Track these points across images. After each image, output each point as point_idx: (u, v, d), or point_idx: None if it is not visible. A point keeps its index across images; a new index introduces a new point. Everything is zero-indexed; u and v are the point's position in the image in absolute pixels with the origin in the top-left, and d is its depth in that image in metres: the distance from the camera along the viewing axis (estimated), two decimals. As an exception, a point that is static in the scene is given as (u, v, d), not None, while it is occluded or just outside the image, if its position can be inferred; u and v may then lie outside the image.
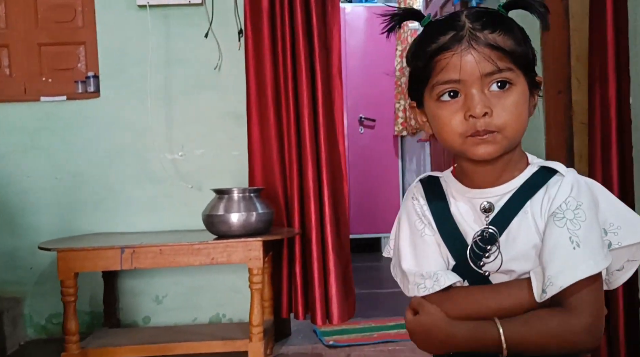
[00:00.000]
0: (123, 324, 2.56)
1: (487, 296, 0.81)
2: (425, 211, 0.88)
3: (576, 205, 0.77)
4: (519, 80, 0.79)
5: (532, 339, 0.76)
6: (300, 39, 2.51)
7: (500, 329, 0.76)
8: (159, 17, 2.57)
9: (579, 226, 0.76)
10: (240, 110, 2.57)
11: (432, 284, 0.83)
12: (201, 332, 2.33)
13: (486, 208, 0.82)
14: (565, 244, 0.76)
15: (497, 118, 0.77)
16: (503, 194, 0.82)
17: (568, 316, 0.75)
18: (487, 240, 0.81)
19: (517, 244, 0.80)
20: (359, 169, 5.01)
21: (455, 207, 0.86)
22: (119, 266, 2.08)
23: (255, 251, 2.12)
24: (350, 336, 2.59)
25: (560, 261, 0.75)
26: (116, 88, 2.61)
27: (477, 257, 0.82)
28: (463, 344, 0.79)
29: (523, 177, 0.82)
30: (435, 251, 0.85)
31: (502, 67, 0.77)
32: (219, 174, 2.61)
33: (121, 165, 2.60)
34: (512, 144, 0.80)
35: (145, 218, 2.58)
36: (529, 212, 0.80)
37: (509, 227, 0.81)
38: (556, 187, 0.80)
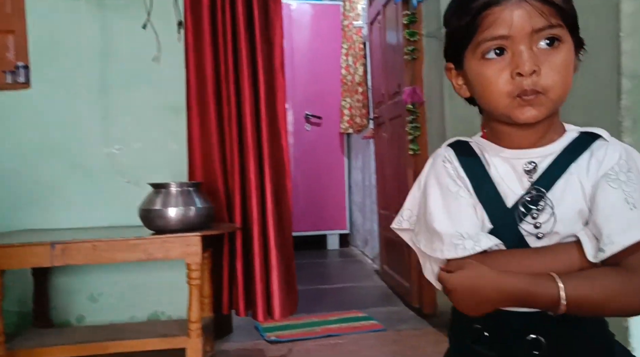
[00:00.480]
0: (55, 324, 2.46)
1: (533, 259, 0.77)
2: (461, 173, 0.83)
3: (628, 168, 0.76)
4: (567, 38, 0.76)
5: (594, 296, 0.73)
6: (242, 32, 2.48)
7: (560, 283, 0.72)
8: (93, 6, 2.49)
9: (633, 188, 0.75)
10: (179, 103, 2.52)
11: (473, 244, 0.77)
12: (138, 330, 2.27)
13: (530, 168, 0.79)
14: (622, 205, 0.74)
15: (545, 77, 0.75)
16: (546, 155, 0.80)
17: (630, 275, 0.73)
18: (535, 200, 0.78)
19: (562, 206, 0.77)
20: (305, 166, 5.02)
21: (493, 167, 0.82)
22: (49, 262, 2.00)
23: (193, 246, 2.07)
24: (292, 332, 2.59)
25: (618, 220, 0.73)
26: (48, 79, 2.50)
27: (523, 217, 0.78)
28: (515, 298, 0.74)
29: (565, 141, 0.80)
30: (472, 213, 0.81)
31: (554, 22, 0.75)
32: (157, 169, 2.54)
33: (54, 160, 2.50)
34: (557, 106, 0.78)
35: (80, 214, 2.49)
36: (575, 174, 0.78)
37: (553, 188, 0.78)
38: (603, 151, 0.78)
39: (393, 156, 3.36)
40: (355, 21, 4.55)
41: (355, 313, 2.87)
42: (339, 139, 5.09)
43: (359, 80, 4.56)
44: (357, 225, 4.97)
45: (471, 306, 0.77)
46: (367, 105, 4.51)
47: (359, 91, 4.57)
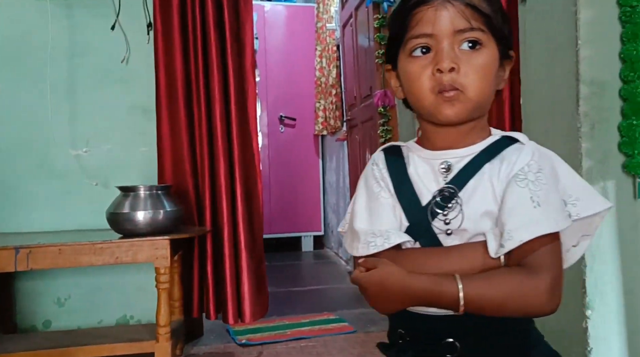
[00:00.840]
0: (20, 329, 2.42)
1: (440, 257, 0.79)
2: (385, 175, 0.87)
3: (538, 169, 0.78)
4: (490, 43, 0.80)
5: (492, 296, 0.74)
6: (212, 33, 2.47)
7: (459, 284, 0.74)
8: (61, 5, 2.45)
9: (540, 187, 0.76)
10: (149, 105, 2.50)
11: (383, 241, 0.81)
12: (106, 334, 2.24)
13: (445, 168, 0.82)
14: (526, 202, 0.76)
15: (463, 76, 0.78)
16: (463, 156, 0.82)
17: (529, 275, 0.74)
18: (447, 198, 0.80)
19: (472, 205, 0.79)
20: (279, 168, 5.01)
21: (413, 168, 0.85)
22: (14, 267, 1.96)
23: (162, 249, 2.06)
24: (263, 334, 2.58)
25: (520, 216, 0.75)
26: (13, 79, 2.46)
27: (436, 215, 0.81)
28: (420, 297, 0.77)
29: (484, 143, 0.83)
30: (390, 212, 0.84)
31: (475, 26, 0.78)
32: (126, 171, 2.52)
33: (18, 161, 2.45)
34: (477, 107, 0.80)
35: (45, 217, 2.45)
36: (486, 174, 0.80)
37: (465, 187, 0.80)
38: (517, 153, 0.80)
39: (365, 158, 3.38)
40: (328, 23, 4.57)
41: (327, 315, 2.88)
42: (313, 141, 5.10)
43: (332, 83, 4.58)
44: (331, 226, 4.98)
45: (381, 303, 0.79)
46: (340, 108, 4.53)
47: (333, 93, 4.59)
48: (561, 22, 1.45)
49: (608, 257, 1.44)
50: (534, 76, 1.61)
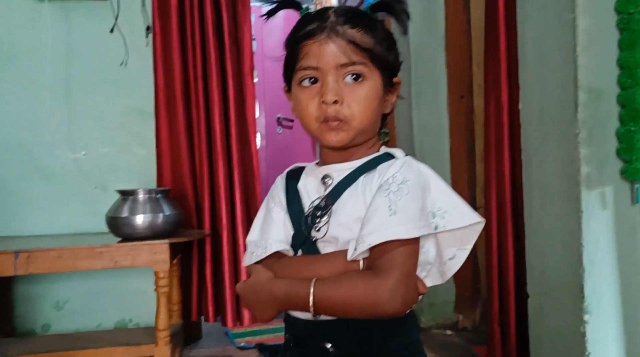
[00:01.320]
0: (19, 333, 2.41)
1: (306, 264, 0.84)
2: (280, 191, 0.93)
3: (402, 180, 0.82)
4: (372, 75, 0.85)
5: (337, 297, 0.78)
6: (211, 37, 2.47)
7: (311, 286, 0.79)
8: (58, 8, 2.45)
9: (400, 197, 0.80)
10: (147, 108, 2.50)
11: (262, 251, 0.87)
12: (104, 338, 2.24)
13: (324, 180, 0.88)
14: (383, 211, 0.80)
15: (347, 107, 0.83)
16: (344, 170, 0.88)
17: (373, 276, 0.78)
18: (320, 208, 0.86)
19: (343, 213, 0.84)
20: (277, 169, 4.95)
21: (302, 182, 0.91)
22: (13, 271, 1.96)
23: (161, 253, 2.06)
24: (262, 337, 2.59)
25: (374, 223, 0.79)
26: (11, 82, 2.45)
27: (311, 224, 0.86)
28: (282, 301, 0.82)
29: (365, 159, 0.88)
30: (279, 225, 0.90)
31: (356, 60, 0.83)
32: (125, 174, 2.51)
33: (16, 164, 2.44)
34: (362, 133, 0.86)
35: (44, 220, 2.44)
36: (360, 185, 0.85)
37: (340, 197, 0.86)
38: (387, 166, 0.85)
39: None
40: (326, 25, 4.57)
41: (325, 317, 2.88)
42: (310, 142, 5.10)
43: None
44: (328, 228, 4.98)
45: (256, 310, 0.85)
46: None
47: (331, 95, 4.60)
48: (559, 29, 1.46)
49: (606, 263, 1.45)
50: (532, 82, 1.62)
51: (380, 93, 0.87)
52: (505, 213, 1.90)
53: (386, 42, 0.87)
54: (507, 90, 1.88)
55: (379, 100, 0.86)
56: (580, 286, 1.45)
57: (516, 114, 1.78)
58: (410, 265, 0.81)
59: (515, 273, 1.88)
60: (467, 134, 2.66)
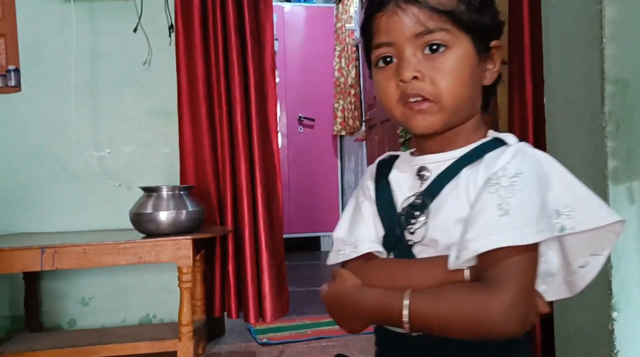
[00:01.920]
0: (46, 328, 2.46)
1: (400, 270, 0.73)
2: (370, 185, 0.82)
3: (515, 173, 0.68)
4: (458, 42, 0.72)
5: (438, 314, 0.66)
6: (233, 35, 2.49)
7: (405, 299, 0.67)
8: (84, 9, 2.49)
9: (512, 193, 0.67)
10: (170, 106, 2.52)
11: (351, 250, 0.77)
12: (129, 333, 2.27)
13: (420, 174, 0.76)
14: (492, 210, 0.67)
15: (430, 84, 0.71)
16: (444, 161, 0.75)
17: (483, 290, 0.65)
18: (417, 207, 0.74)
19: (443, 213, 0.72)
20: (298, 168, 5.02)
21: (395, 175, 0.80)
22: (40, 266, 2.00)
23: (184, 249, 2.08)
24: (284, 334, 2.60)
25: (481, 225, 0.67)
26: (39, 82, 2.50)
27: (405, 225, 0.75)
28: (370, 314, 0.71)
29: (468, 147, 0.75)
30: (369, 222, 0.79)
31: (433, 27, 0.71)
32: (149, 172, 2.55)
33: (44, 163, 2.50)
34: (455, 114, 0.73)
35: (70, 217, 2.49)
36: (462, 179, 0.72)
37: (439, 195, 0.74)
38: (497, 155, 0.71)
39: (385, 158, 3.38)
40: (348, 24, 4.57)
41: (347, 315, 2.88)
42: (331, 141, 5.10)
43: (351, 83, 4.58)
44: (350, 227, 4.97)
45: (341, 319, 0.75)
46: (360, 108, 4.53)
47: (352, 93, 4.59)
48: (585, 19, 1.43)
49: (634, 258, 1.42)
50: (557, 75, 1.59)
51: (473, 61, 0.73)
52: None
53: (475, 2, 0.73)
54: (531, 85, 1.85)
55: (471, 71, 0.73)
56: (608, 282, 1.42)
57: (541, 109, 1.75)
58: (529, 277, 0.67)
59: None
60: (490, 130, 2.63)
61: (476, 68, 0.74)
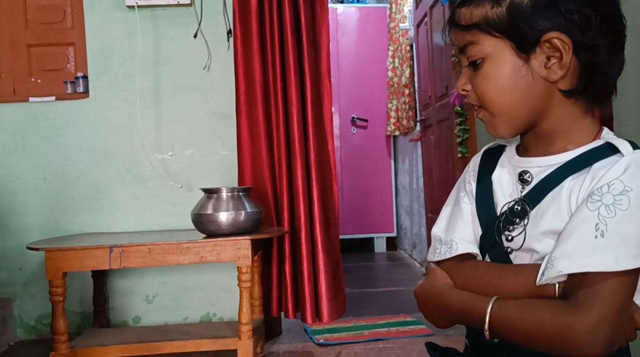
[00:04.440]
0: (113, 324, 2.56)
1: (491, 274, 0.73)
2: (471, 179, 0.81)
3: (622, 189, 0.64)
4: (493, 50, 0.72)
5: (520, 325, 0.66)
6: (289, 39, 2.52)
7: (489, 305, 0.68)
8: (147, 17, 2.58)
9: (614, 213, 0.63)
10: (229, 110, 2.58)
11: (446, 250, 0.77)
12: (191, 331, 2.34)
13: (522, 178, 0.74)
14: (588, 230, 0.64)
15: (473, 94, 0.76)
16: (548, 165, 0.73)
17: (568, 309, 0.64)
18: (517, 213, 0.73)
19: (543, 223, 0.70)
20: (351, 169, 5.02)
21: (497, 174, 0.79)
22: (108, 265, 2.08)
23: (243, 249, 2.12)
24: (340, 334, 2.60)
25: (572, 244, 0.64)
26: (105, 88, 2.61)
27: (503, 230, 0.74)
28: (455, 314, 0.74)
29: (576, 152, 0.71)
30: (467, 220, 0.79)
31: (464, 43, 0.75)
32: (208, 174, 2.61)
33: (110, 166, 2.61)
34: (514, 119, 0.73)
35: (134, 218, 2.59)
36: (566, 188, 0.69)
37: (540, 202, 0.71)
38: (607, 166, 0.67)
39: (441, 159, 3.33)
40: (401, 23, 4.53)
41: (404, 317, 2.85)
42: (385, 142, 5.07)
43: (405, 82, 4.54)
44: (404, 228, 4.93)
45: (428, 313, 0.78)
46: (414, 108, 4.48)
47: (406, 93, 4.54)
48: (658, 13, 1.37)
49: None
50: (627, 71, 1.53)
51: (515, 64, 0.71)
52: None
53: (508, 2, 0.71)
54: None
55: (511, 74, 0.71)
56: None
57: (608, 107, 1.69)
58: (621, 300, 0.64)
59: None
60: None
61: (520, 69, 0.71)
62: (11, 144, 2.59)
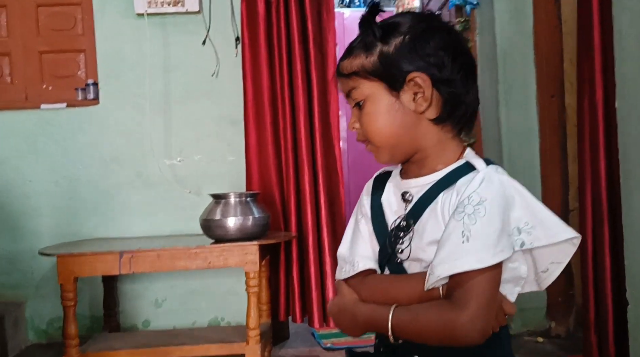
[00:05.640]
0: (123, 328, 2.59)
1: (390, 285, 0.84)
2: (365, 202, 0.91)
3: (479, 200, 0.77)
4: (370, 92, 0.83)
5: (414, 328, 0.79)
6: (296, 45, 2.54)
7: (390, 313, 0.80)
8: (156, 25, 2.61)
9: (475, 220, 0.76)
10: (237, 116, 2.61)
11: (350, 268, 0.87)
12: (199, 335, 2.36)
13: (404, 198, 0.86)
14: (456, 237, 0.76)
15: (363, 131, 0.85)
16: (423, 185, 0.84)
17: (449, 307, 0.76)
18: (402, 228, 0.84)
19: (425, 235, 0.81)
20: (359, 173, 5.03)
21: (386, 196, 0.89)
22: (118, 270, 2.11)
23: (251, 254, 2.14)
24: (347, 339, 2.61)
25: (445, 252, 0.77)
26: (115, 95, 2.65)
27: (394, 244, 0.85)
28: (364, 325, 0.83)
29: (444, 171, 0.83)
30: (366, 239, 0.89)
31: (346, 89, 0.85)
32: (216, 179, 2.64)
33: (120, 171, 2.64)
34: (392, 147, 0.85)
35: (144, 223, 2.62)
36: (439, 204, 0.82)
37: (421, 217, 0.83)
38: (467, 182, 0.80)
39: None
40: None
41: (411, 321, 2.86)
42: (393, 146, 5.08)
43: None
44: (412, 231, 4.94)
45: (342, 327, 0.87)
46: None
47: (413, 97, 4.56)
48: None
49: None
50: (630, 78, 1.54)
51: (389, 102, 0.83)
52: (601, 216, 1.81)
53: (390, 45, 0.83)
54: (602, 87, 1.79)
55: (388, 110, 0.83)
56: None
57: (612, 112, 1.70)
58: (490, 293, 0.77)
59: (612, 279, 1.78)
60: (558, 134, 2.56)
61: (393, 105, 0.83)
62: (24, 149, 2.63)
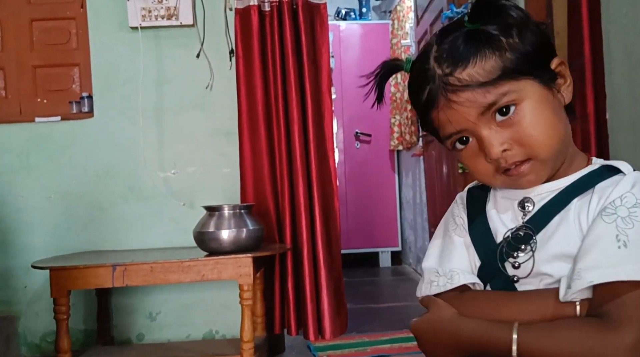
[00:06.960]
0: (117, 342, 2.57)
1: (503, 302, 0.71)
2: (462, 212, 0.80)
3: (634, 202, 0.65)
4: (523, 93, 0.68)
5: (552, 350, 0.63)
6: (290, 58, 2.56)
7: (514, 333, 0.65)
8: (150, 38, 2.62)
9: (632, 224, 0.64)
10: (231, 128, 2.61)
11: (445, 281, 0.75)
12: (193, 348, 2.35)
13: (524, 204, 0.73)
14: (609, 241, 0.64)
15: (519, 147, 0.69)
16: (548, 191, 0.72)
17: (604, 328, 0.61)
18: (521, 239, 0.71)
19: (552, 244, 0.69)
20: (355, 184, 5.04)
21: (492, 204, 0.78)
22: (111, 283, 2.10)
23: (245, 267, 2.14)
24: (343, 351, 2.60)
25: (597, 255, 0.64)
26: (109, 108, 2.65)
27: (506, 257, 0.72)
28: (469, 343, 0.69)
29: (575, 176, 0.72)
30: (461, 251, 0.77)
31: (493, 100, 0.68)
32: (210, 191, 2.64)
33: (114, 184, 2.63)
34: (558, 158, 0.71)
35: (138, 236, 2.61)
36: (572, 210, 0.70)
37: (546, 226, 0.71)
38: (613, 184, 0.68)
39: (442, 174, 3.34)
40: (403, 40, 4.58)
41: (408, 333, 2.85)
42: (389, 156, 5.10)
43: (407, 98, 4.57)
44: (409, 242, 4.93)
45: (431, 350, 0.73)
46: (416, 122, 4.50)
47: (408, 108, 4.57)
48: (649, 34, 1.39)
49: None
50: (619, 90, 1.55)
51: (547, 98, 0.69)
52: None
53: (517, 35, 0.68)
54: (593, 99, 1.80)
55: (551, 108, 0.69)
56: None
57: (603, 122, 1.70)
58: None
59: None
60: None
61: (553, 100, 0.70)
62: (16, 164, 2.63)
